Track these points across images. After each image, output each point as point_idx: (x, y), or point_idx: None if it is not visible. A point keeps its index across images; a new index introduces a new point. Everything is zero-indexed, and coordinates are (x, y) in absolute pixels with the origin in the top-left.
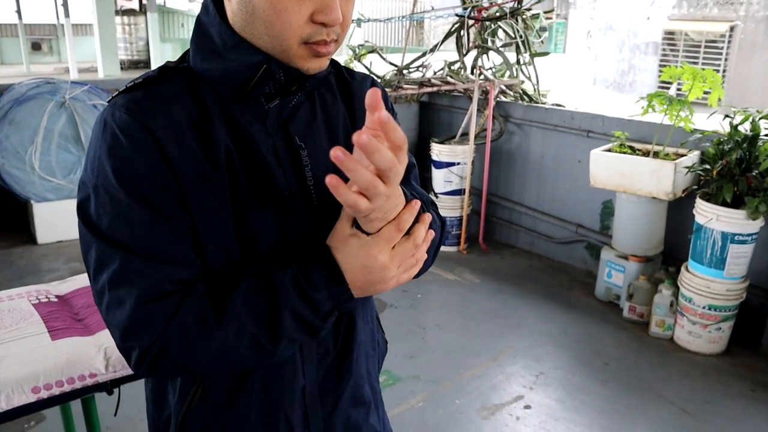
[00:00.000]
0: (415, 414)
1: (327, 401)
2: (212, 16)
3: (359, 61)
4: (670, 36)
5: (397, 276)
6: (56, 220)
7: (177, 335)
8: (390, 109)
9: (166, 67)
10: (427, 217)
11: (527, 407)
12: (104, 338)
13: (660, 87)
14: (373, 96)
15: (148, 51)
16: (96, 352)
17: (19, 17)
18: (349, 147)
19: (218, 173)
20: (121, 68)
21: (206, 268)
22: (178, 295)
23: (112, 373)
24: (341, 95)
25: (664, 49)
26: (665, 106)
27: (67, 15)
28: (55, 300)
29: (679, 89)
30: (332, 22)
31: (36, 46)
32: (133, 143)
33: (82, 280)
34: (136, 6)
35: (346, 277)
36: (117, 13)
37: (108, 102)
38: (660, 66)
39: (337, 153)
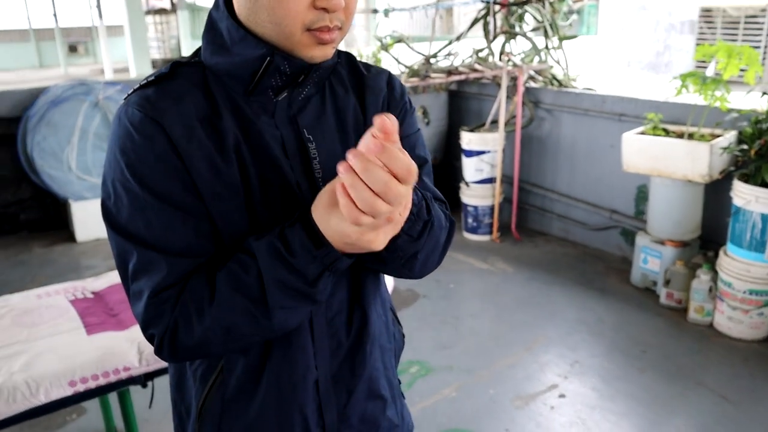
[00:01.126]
0: (449, 404)
1: (341, 394)
2: (221, 11)
3: (386, 51)
4: (707, 13)
5: (385, 231)
6: (94, 218)
7: (181, 319)
8: (406, 103)
9: (179, 63)
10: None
11: (562, 396)
12: (137, 332)
13: (697, 67)
14: (381, 121)
15: (180, 49)
16: (129, 346)
17: (56, 21)
18: (358, 138)
19: (228, 165)
20: (154, 67)
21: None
22: (184, 282)
23: (146, 367)
24: (353, 89)
25: (701, 27)
26: (699, 86)
27: (100, 17)
28: (91, 296)
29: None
30: (333, 7)
31: (72, 49)
32: (145, 138)
33: (117, 276)
34: (167, 5)
35: (329, 239)
36: (149, 12)
37: (124, 100)
38: (697, 45)
39: (349, 159)
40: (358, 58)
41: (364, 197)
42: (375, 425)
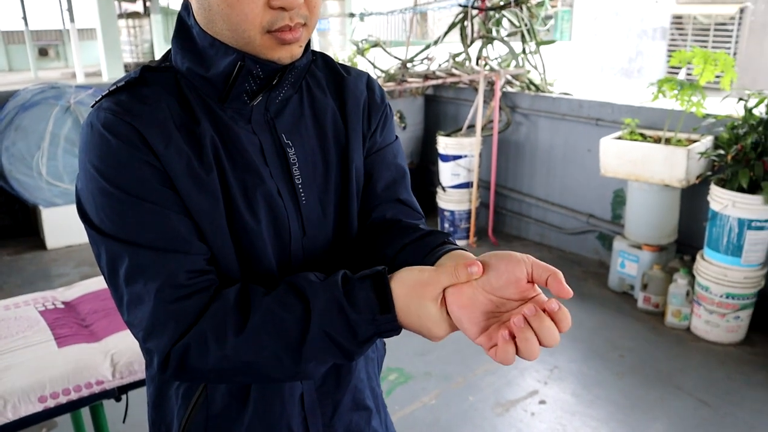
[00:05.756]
0: (428, 412)
1: (326, 406)
2: (191, 16)
3: (362, 55)
4: (678, 20)
5: None
6: (65, 225)
7: (196, 342)
8: (386, 107)
9: (148, 68)
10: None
11: (542, 402)
12: (111, 344)
13: (669, 72)
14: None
15: (153, 53)
16: (103, 359)
17: (26, 24)
18: (337, 143)
19: (208, 173)
20: (127, 70)
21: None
22: (198, 296)
23: (119, 380)
24: (331, 91)
25: (672, 34)
26: (676, 92)
27: (72, 20)
28: (62, 306)
29: (689, 74)
30: (290, 5)
31: (43, 52)
32: (121, 140)
33: (89, 286)
34: (140, 9)
35: (400, 313)
36: (121, 16)
37: (92, 106)
38: (669, 51)
39: (525, 312)
40: None
41: (530, 347)
42: None
